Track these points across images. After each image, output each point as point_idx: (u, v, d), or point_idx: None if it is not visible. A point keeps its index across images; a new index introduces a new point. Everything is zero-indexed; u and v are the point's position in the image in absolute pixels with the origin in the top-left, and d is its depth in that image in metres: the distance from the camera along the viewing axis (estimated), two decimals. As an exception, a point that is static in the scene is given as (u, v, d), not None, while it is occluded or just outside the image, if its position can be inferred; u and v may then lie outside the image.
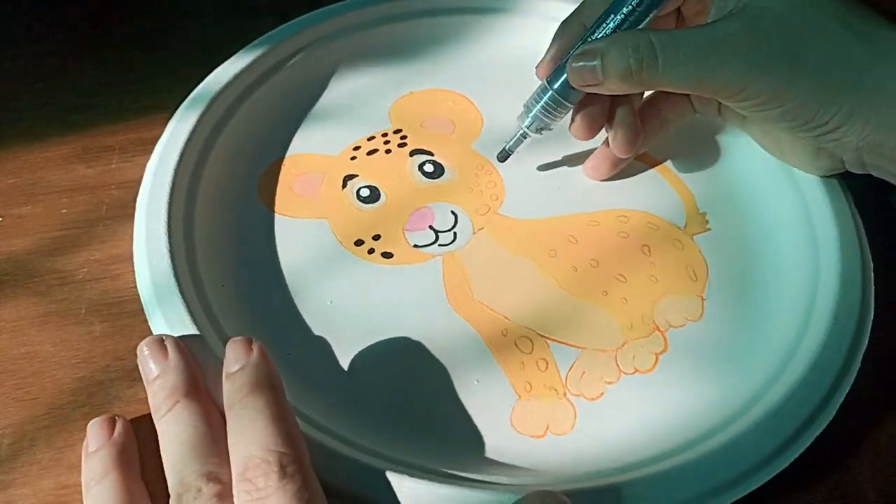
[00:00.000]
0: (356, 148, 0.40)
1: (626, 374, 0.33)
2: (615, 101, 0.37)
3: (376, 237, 0.37)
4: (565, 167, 0.40)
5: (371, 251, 0.36)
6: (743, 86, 0.31)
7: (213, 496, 0.25)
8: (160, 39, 0.46)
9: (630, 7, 0.34)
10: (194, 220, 0.36)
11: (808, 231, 0.36)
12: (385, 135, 0.41)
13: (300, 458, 0.25)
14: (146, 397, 0.29)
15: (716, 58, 0.31)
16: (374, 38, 0.44)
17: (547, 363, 0.33)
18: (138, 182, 0.37)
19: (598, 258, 0.37)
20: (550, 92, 0.36)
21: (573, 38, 0.36)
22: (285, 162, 0.40)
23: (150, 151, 0.38)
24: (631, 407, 0.32)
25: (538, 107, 0.36)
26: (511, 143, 0.38)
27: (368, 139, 0.41)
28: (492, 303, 0.35)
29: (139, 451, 0.29)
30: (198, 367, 0.29)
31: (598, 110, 0.36)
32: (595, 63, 0.33)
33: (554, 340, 0.34)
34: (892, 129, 0.31)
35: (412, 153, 0.40)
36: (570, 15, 0.37)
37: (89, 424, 0.29)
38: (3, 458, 0.30)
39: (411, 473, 0.28)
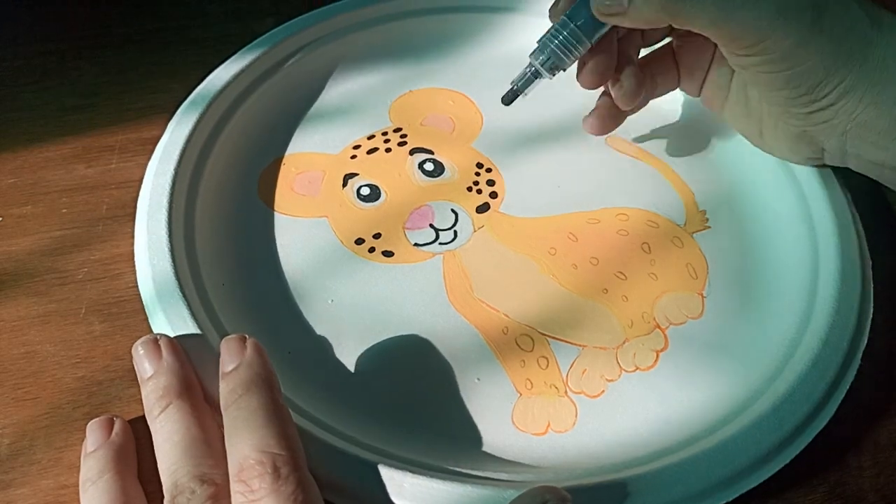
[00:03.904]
0: (356, 146, 0.40)
1: (626, 371, 0.33)
2: (622, 53, 0.36)
3: (377, 236, 0.37)
4: (565, 165, 0.40)
5: (371, 250, 0.36)
6: (764, 36, 0.30)
7: (207, 498, 0.25)
8: (160, 39, 0.46)
9: None
10: (195, 220, 0.36)
11: (808, 229, 0.36)
12: (385, 133, 0.41)
13: (295, 458, 0.25)
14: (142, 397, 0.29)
15: None
16: (374, 36, 0.44)
17: (548, 361, 0.33)
18: (138, 182, 0.37)
19: (598, 256, 0.36)
20: (571, 26, 0.34)
21: None
22: (285, 161, 0.40)
23: (150, 151, 0.38)
24: (631, 404, 0.32)
25: (556, 42, 0.35)
26: (520, 82, 0.36)
27: (368, 138, 0.41)
28: (492, 301, 0.35)
29: (138, 451, 0.29)
30: (192, 367, 0.29)
31: (608, 58, 0.36)
32: None
33: (555, 338, 0.34)
34: (885, 109, 0.31)
35: (412, 152, 0.40)
36: None
37: (88, 425, 0.29)
38: (3, 458, 0.30)
39: (413, 470, 0.28)
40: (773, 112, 0.35)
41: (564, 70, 0.36)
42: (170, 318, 0.31)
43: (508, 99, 0.37)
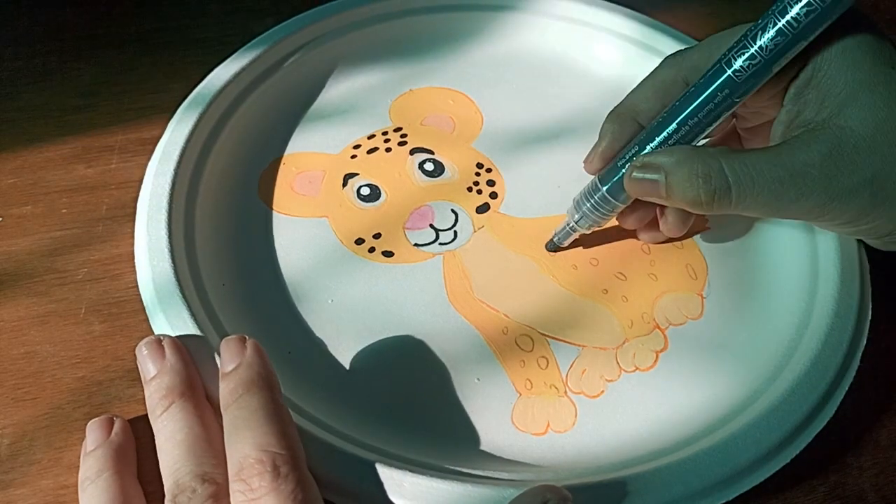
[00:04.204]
0: (356, 146, 0.40)
1: (626, 371, 0.33)
2: None
3: (377, 236, 0.37)
4: (565, 165, 0.40)
5: (371, 250, 0.36)
6: (820, 214, 0.29)
7: (208, 497, 0.25)
8: (160, 39, 0.46)
9: (695, 119, 0.31)
10: (195, 220, 0.36)
11: (808, 229, 0.36)
12: (385, 133, 0.41)
13: (295, 457, 0.25)
14: (145, 397, 0.29)
15: (794, 191, 0.29)
16: (373, 35, 0.44)
17: (547, 361, 0.33)
18: (138, 182, 0.37)
19: (597, 256, 0.36)
20: (602, 191, 0.34)
21: (626, 136, 0.34)
22: (285, 160, 0.40)
23: (150, 151, 0.38)
24: (631, 405, 0.32)
25: (588, 204, 0.34)
26: (560, 235, 0.36)
27: (369, 137, 0.41)
28: (492, 301, 0.35)
29: (138, 450, 0.29)
30: (195, 367, 0.29)
31: (649, 208, 0.35)
32: (658, 178, 0.30)
33: (554, 338, 0.34)
34: None
35: (412, 151, 0.40)
36: (622, 105, 0.35)
37: (88, 424, 0.29)
38: (3, 458, 0.30)
39: (412, 469, 0.28)
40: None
41: (601, 226, 0.35)
42: (170, 319, 0.31)
43: (551, 249, 0.37)
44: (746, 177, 0.29)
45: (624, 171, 0.32)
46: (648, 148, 0.32)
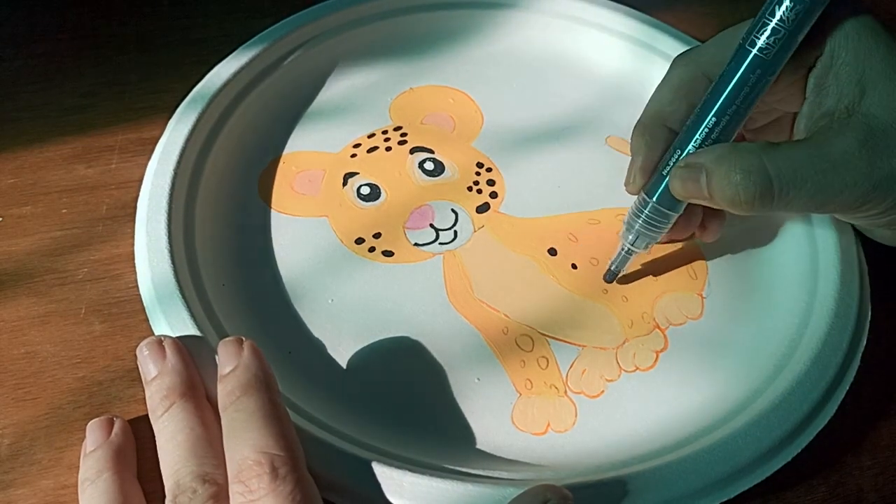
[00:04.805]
0: (356, 145, 0.40)
1: (626, 371, 0.33)
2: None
3: (377, 235, 0.37)
4: (565, 165, 0.40)
5: (372, 249, 0.36)
6: (861, 204, 0.29)
7: (209, 497, 0.25)
8: (160, 39, 0.46)
9: (734, 107, 0.30)
10: (195, 220, 0.35)
11: (807, 228, 0.36)
12: (385, 132, 0.41)
13: (293, 458, 0.25)
14: (145, 397, 0.29)
15: (838, 182, 0.28)
16: (373, 33, 0.44)
17: (547, 361, 0.33)
18: (138, 182, 0.37)
19: (597, 256, 0.36)
20: (651, 204, 0.32)
21: (660, 144, 0.33)
22: (285, 160, 0.40)
23: (150, 151, 0.37)
24: (631, 404, 0.32)
25: (640, 221, 0.33)
26: (616, 262, 0.35)
27: (369, 136, 0.41)
28: (492, 301, 0.35)
29: (138, 451, 0.29)
30: (196, 368, 0.29)
31: (695, 216, 0.35)
32: (700, 177, 0.30)
33: (554, 338, 0.34)
34: None
35: (412, 151, 0.40)
36: (645, 115, 0.34)
37: (88, 425, 0.29)
38: (4, 458, 0.30)
39: (412, 469, 0.28)
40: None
41: (657, 241, 0.34)
42: (170, 320, 0.31)
43: (609, 279, 0.35)
44: (787, 170, 0.28)
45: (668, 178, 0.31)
46: (690, 147, 0.31)
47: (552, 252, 0.37)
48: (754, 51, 0.29)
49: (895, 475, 0.31)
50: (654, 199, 0.32)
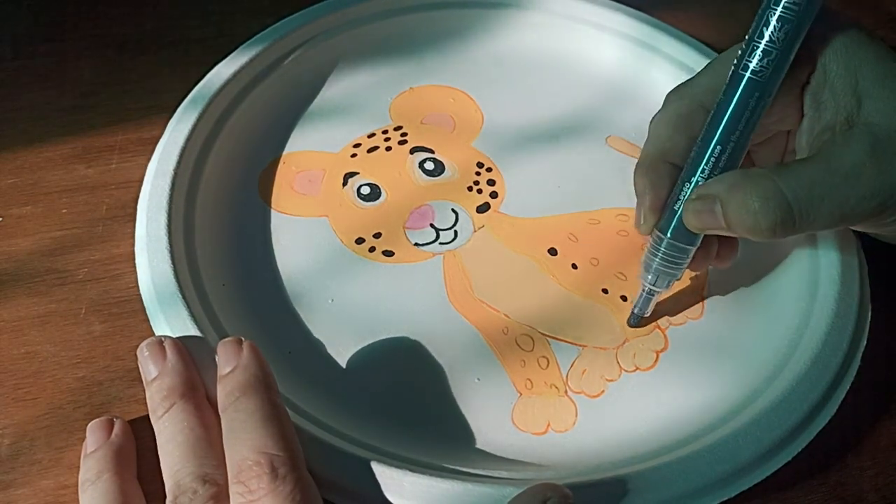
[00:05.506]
0: (356, 145, 0.40)
1: (626, 371, 0.33)
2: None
3: (377, 235, 0.37)
4: (565, 165, 0.40)
5: (372, 249, 0.36)
6: (881, 210, 0.29)
7: (209, 498, 0.25)
8: (160, 39, 0.46)
9: (737, 133, 0.30)
10: (195, 220, 0.35)
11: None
12: (385, 132, 0.41)
13: (293, 458, 0.25)
14: (146, 398, 0.29)
15: (854, 194, 0.28)
16: (373, 33, 0.44)
17: (548, 361, 0.33)
18: (138, 182, 0.37)
19: (598, 256, 0.36)
20: (666, 240, 0.32)
21: (666, 180, 0.32)
22: (285, 159, 0.40)
23: (150, 151, 0.37)
24: (631, 404, 0.32)
25: (657, 260, 0.32)
26: (639, 305, 0.34)
27: (369, 136, 0.41)
28: (492, 301, 0.35)
29: (138, 451, 0.29)
30: (196, 369, 0.29)
31: (711, 247, 0.33)
32: (715, 208, 0.29)
33: (555, 338, 0.34)
34: None
35: (413, 150, 0.40)
36: (645, 155, 0.33)
37: (88, 425, 0.29)
38: (4, 458, 0.30)
39: (412, 469, 0.28)
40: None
41: (679, 279, 0.33)
42: (170, 321, 0.31)
43: (633, 323, 0.34)
44: (804, 191, 0.28)
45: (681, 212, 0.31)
46: (699, 177, 0.30)
47: (552, 252, 0.37)
48: (748, 74, 0.29)
49: (895, 475, 0.31)
50: (669, 235, 0.31)
